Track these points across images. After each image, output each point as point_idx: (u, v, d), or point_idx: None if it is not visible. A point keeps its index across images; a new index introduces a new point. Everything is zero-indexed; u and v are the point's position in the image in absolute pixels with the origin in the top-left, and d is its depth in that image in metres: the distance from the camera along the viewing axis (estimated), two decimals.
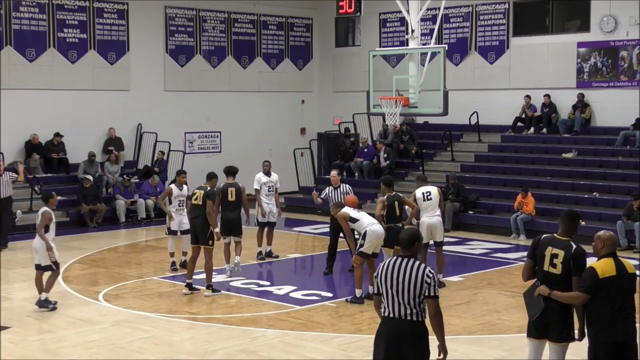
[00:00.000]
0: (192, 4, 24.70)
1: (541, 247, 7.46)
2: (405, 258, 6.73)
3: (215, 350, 10.19)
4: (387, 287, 6.67)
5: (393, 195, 13.02)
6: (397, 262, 6.72)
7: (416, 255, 6.80)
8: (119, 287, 13.78)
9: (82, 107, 22.44)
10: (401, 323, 6.60)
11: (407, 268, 6.65)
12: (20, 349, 10.40)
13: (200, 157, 24.29)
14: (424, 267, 6.68)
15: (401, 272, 6.64)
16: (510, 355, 10.11)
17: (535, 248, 7.50)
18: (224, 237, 14.19)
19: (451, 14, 24.15)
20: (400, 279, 6.62)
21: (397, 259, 6.75)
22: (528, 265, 7.59)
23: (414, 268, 6.64)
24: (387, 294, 6.67)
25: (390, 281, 6.66)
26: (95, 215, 20.75)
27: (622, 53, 21.27)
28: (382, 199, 12.99)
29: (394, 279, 6.64)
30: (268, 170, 16.06)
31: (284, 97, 27.07)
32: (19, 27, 21.31)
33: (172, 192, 14.82)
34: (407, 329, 6.59)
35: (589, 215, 18.55)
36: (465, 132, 23.68)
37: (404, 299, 6.59)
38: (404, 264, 6.68)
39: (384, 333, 6.70)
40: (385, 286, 6.68)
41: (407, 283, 6.60)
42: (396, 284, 6.63)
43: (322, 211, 22.64)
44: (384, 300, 6.71)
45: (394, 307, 6.63)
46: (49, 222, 11.75)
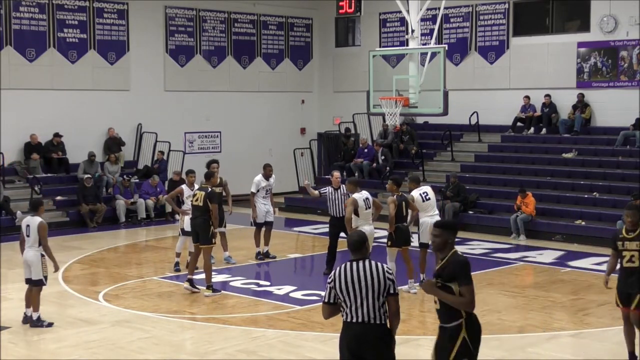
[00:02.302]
0: (192, 4, 24.70)
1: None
2: (360, 261, 6.59)
3: (215, 350, 10.19)
4: (349, 293, 6.49)
5: (401, 195, 13.06)
6: (353, 266, 6.56)
7: (368, 257, 6.69)
8: (119, 287, 13.78)
9: (82, 107, 22.44)
10: (366, 327, 6.49)
11: (367, 270, 6.53)
12: (20, 349, 10.41)
13: (200, 157, 24.25)
14: (382, 266, 6.60)
15: (361, 275, 6.50)
16: (510, 355, 10.11)
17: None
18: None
19: (451, 14, 24.15)
20: (362, 282, 6.49)
21: (352, 263, 6.59)
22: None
23: (374, 268, 6.54)
24: (349, 300, 6.50)
25: (352, 286, 6.49)
26: (95, 215, 20.74)
27: (622, 53, 21.27)
28: (393, 199, 12.97)
29: (356, 283, 6.49)
30: (269, 175, 16.03)
31: (284, 97, 27.06)
32: (19, 27, 21.31)
33: (182, 192, 14.78)
34: (371, 333, 6.50)
35: (589, 215, 18.58)
36: (465, 132, 23.68)
37: (369, 302, 6.47)
38: (362, 267, 6.55)
39: (348, 339, 6.56)
40: (347, 292, 6.50)
41: (372, 284, 6.48)
42: (359, 288, 6.48)
43: (322, 211, 22.65)
44: (345, 306, 6.55)
45: (358, 312, 6.49)
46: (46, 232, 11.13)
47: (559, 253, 16.85)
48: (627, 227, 9.25)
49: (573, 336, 11.00)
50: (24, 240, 11.23)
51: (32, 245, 11.12)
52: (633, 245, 9.12)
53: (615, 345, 10.45)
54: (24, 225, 11.22)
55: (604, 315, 11.92)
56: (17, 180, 20.97)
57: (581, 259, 16.15)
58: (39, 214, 11.22)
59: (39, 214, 11.22)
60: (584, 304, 12.62)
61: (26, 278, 11.34)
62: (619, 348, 10.35)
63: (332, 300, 6.63)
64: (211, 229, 12.99)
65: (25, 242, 11.19)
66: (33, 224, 11.10)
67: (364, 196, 12.92)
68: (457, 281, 6.53)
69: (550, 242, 17.88)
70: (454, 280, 6.53)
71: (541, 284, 14.07)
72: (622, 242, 9.20)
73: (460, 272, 6.55)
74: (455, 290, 6.53)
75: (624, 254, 9.16)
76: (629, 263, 9.11)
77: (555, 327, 11.39)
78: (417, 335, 10.89)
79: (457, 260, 6.63)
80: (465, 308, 6.53)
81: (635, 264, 9.07)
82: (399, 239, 12.92)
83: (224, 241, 15.56)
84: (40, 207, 11.33)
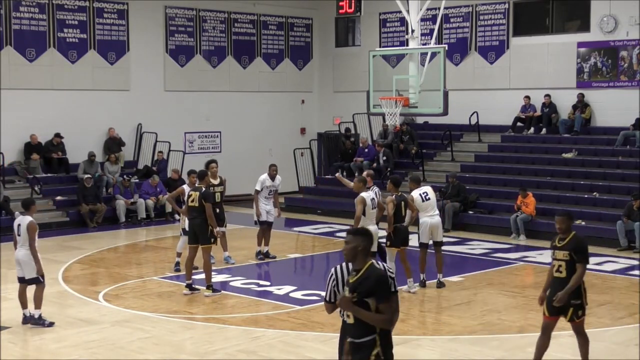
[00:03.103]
0: (192, 4, 24.70)
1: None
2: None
3: (215, 350, 10.19)
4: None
5: (400, 195, 13.07)
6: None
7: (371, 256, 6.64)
8: (119, 287, 13.78)
9: (82, 107, 22.44)
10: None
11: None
12: (20, 349, 10.41)
13: (200, 157, 24.22)
14: (382, 264, 6.53)
15: None
16: (510, 355, 10.11)
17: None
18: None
19: (451, 14, 24.15)
20: None
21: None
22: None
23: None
24: None
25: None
26: (95, 215, 20.74)
27: (622, 53, 21.27)
28: (392, 199, 13.00)
29: None
30: (274, 175, 16.02)
31: (284, 97, 27.06)
32: (19, 27, 21.31)
33: (184, 192, 14.76)
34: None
35: (589, 215, 18.58)
36: (465, 132, 23.68)
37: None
38: None
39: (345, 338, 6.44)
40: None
41: None
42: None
43: (322, 211, 22.68)
44: None
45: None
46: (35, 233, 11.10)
47: None
48: (559, 234, 8.78)
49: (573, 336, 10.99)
50: (16, 239, 11.26)
51: (24, 245, 11.11)
52: (561, 255, 8.67)
53: (615, 345, 10.46)
54: (16, 225, 11.26)
55: (604, 315, 11.94)
56: (17, 180, 20.98)
57: None
58: (30, 213, 11.22)
59: (30, 213, 11.22)
60: None
61: (19, 277, 11.34)
62: (619, 348, 10.37)
63: (332, 300, 6.52)
64: (209, 229, 12.98)
65: (18, 241, 11.20)
66: (24, 223, 11.09)
67: (371, 196, 12.96)
68: (375, 297, 6.00)
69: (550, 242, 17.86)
70: (371, 295, 6.00)
71: (541, 284, 13.94)
72: (553, 250, 8.81)
73: (378, 287, 6.03)
74: (372, 306, 6.02)
75: (554, 263, 8.77)
76: (557, 273, 8.69)
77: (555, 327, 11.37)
78: (417, 335, 10.89)
79: (376, 274, 6.09)
80: (384, 326, 6.05)
81: (563, 275, 8.63)
82: (397, 239, 12.95)
83: (224, 241, 15.57)
84: (32, 206, 11.30)
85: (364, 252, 6.13)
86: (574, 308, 8.74)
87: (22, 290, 11.41)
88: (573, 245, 8.63)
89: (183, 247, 14.86)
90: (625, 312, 12.13)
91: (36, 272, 11.17)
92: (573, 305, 8.73)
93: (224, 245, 15.61)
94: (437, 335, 11.05)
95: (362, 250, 6.12)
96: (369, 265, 6.11)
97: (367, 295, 6.01)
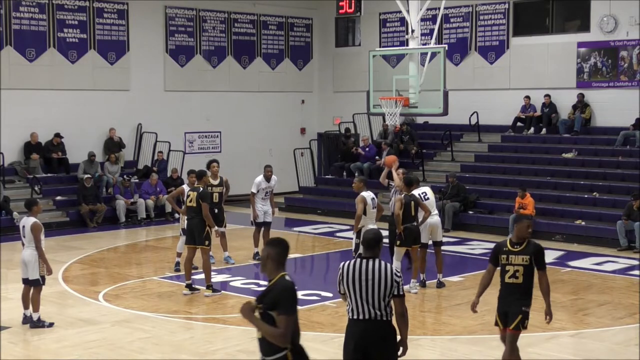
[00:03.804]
0: (192, 4, 24.70)
1: None
2: (370, 259, 6.66)
3: (215, 350, 10.19)
4: (355, 290, 6.59)
5: (410, 195, 13.06)
6: (362, 263, 6.64)
7: (379, 256, 6.75)
8: (119, 287, 13.78)
9: (82, 107, 22.44)
10: (371, 324, 6.57)
11: (375, 269, 6.60)
12: (20, 349, 10.41)
13: (200, 157, 24.24)
14: (390, 267, 6.67)
15: (369, 273, 6.59)
16: None
17: None
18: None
19: (451, 14, 24.15)
20: (370, 280, 6.57)
21: (362, 260, 6.66)
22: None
23: (382, 268, 6.62)
24: (355, 296, 6.59)
25: (358, 283, 6.58)
26: (95, 215, 20.74)
27: (622, 53, 21.27)
28: (400, 198, 13.00)
29: (363, 281, 6.58)
30: (270, 176, 16.02)
31: (284, 97, 27.06)
32: (19, 27, 21.31)
33: (184, 192, 14.76)
34: (377, 329, 6.57)
35: (589, 215, 18.58)
36: (465, 132, 23.68)
37: (374, 300, 6.56)
38: (371, 265, 6.62)
39: (353, 336, 6.62)
40: (353, 288, 6.59)
41: (378, 284, 6.57)
42: (365, 286, 6.57)
43: (322, 211, 22.68)
44: (351, 302, 6.64)
45: (363, 309, 6.58)
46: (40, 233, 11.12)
47: (559, 253, 16.84)
48: (513, 239, 8.37)
49: (573, 336, 11.01)
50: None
51: (29, 246, 11.12)
52: (519, 260, 8.26)
53: (615, 345, 10.46)
54: (21, 226, 11.26)
55: (604, 315, 11.93)
56: (17, 180, 20.97)
57: (581, 259, 16.16)
58: (33, 214, 11.20)
59: (33, 214, 11.20)
60: (584, 304, 12.63)
61: (23, 278, 11.32)
62: (619, 348, 10.37)
63: (342, 291, 6.75)
64: (206, 230, 12.97)
65: (23, 242, 11.20)
66: (28, 224, 11.09)
67: (371, 195, 12.97)
68: (277, 309, 5.68)
69: (550, 242, 17.88)
70: (275, 308, 5.68)
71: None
72: (506, 255, 8.31)
73: (281, 298, 5.68)
74: (276, 319, 5.68)
75: (507, 269, 8.31)
76: (512, 279, 8.31)
77: (555, 327, 11.38)
78: (417, 335, 10.88)
79: (282, 285, 5.76)
80: (277, 342, 5.69)
81: (519, 280, 8.29)
82: (408, 239, 12.94)
83: (224, 241, 15.58)
84: (34, 207, 11.28)
85: (274, 263, 5.86)
86: (522, 316, 8.40)
87: (26, 292, 11.39)
88: (533, 250, 8.29)
89: (183, 247, 14.85)
90: (625, 312, 12.12)
91: (45, 271, 11.15)
92: (523, 313, 8.40)
93: (224, 245, 15.62)
94: (437, 335, 11.05)
95: (272, 260, 5.86)
96: (279, 277, 5.80)
97: (270, 308, 5.70)
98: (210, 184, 14.63)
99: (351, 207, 16.44)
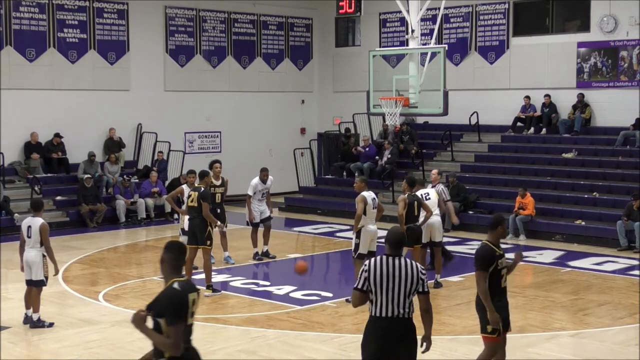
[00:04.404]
0: (192, 4, 24.70)
1: None
2: (396, 257, 6.73)
3: (215, 350, 10.18)
4: (382, 287, 6.62)
5: (413, 195, 13.06)
6: (389, 260, 6.70)
7: (402, 255, 6.84)
8: (119, 287, 13.77)
9: (82, 107, 22.43)
10: (395, 322, 6.63)
11: (402, 266, 6.68)
12: (20, 349, 10.41)
13: (200, 157, 24.26)
14: (416, 264, 6.77)
15: (396, 270, 6.65)
16: (510, 355, 10.06)
17: None
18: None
19: (451, 14, 24.15)
20: (396, 278, 6.63)
21: (388, 258, 6.72)
22: None
23: (408, 265, 6.70)
24: (381, 293, 6.63)
25: (385, 281, 6.62)
26: (95, 215, 20.74)
27: (622, 53, 21.27)
28: (404, 197, 13.01)
29: (390, 278, 6.63)
30: (266, 179, 16.01)
31: (284, 97, 27.06)
32: (19, 27, 21.31)
33: (183, 192, 14.78)
34: (401, 327, 6.64)
35: (589, 215, 18.58)
36: (465, 132, 23.67)
37: (399, 297, 6.62)
38: (398, 263, 6.69)
39: (376, 333, 6.66)
40: (380, 286, 6.63)
41: (405, 281, 6.63)
42: (392, 283, 6.62)
43: (322, 211, 22.69)
44: (376, 299, 6.65)
45: (388, 306, 6.62)
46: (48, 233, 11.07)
47: (559, 253, 16.85)
48: (495, 241, 8.17)
49: (573, 336, 11.01)
50: (24, 241, 11.16)
51: (34, 246, 11.07)
52: (505, 262, 8.13)
53: (616, 345, 10.46)
54: (25, 226, 11.15)
55: (604, 315, 11.93)
56: (17, 180, 20.97)
57: (581, 259, 16.16)
58: (39, 214, 11.15)
59: (39, 214, 11.15)
60: (584, 304, 12.62)
61: (27, 279, 11.26)
62: (619, 348, 10.36)
63: (364, 288, 6.70)
64: (208, 230, 12.97)
65: (27, 243, 11.12)
66: (35, 224, 11.02)
67: (371, 195, 12.97)
68: (164, 318, 5.52)
69: (550, 242, 17.88)
70: (162, 316, 5.53)
71: (541, 284, 14.07)
72: (500, 259, 8.07)
73: (166, 307, 5.53)
74: (164, 328, 5.55)
75: (502, 273, 8.12)
76: (505, 282, 8.19)
77: (555, 327, 11.40)
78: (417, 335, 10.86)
79: (168, 293, 5.59)
80: (169, 351, 5.56)
81: (506, 283, 8.23)
82: (410, 238, 12.92)
83: (224, 241, 15.58)
84: (42, 207, 11.28)
85: (169, 267, 5.72)
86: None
87: (28, 292, 11.36)
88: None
89: None
90: (625, 312, 12.12)
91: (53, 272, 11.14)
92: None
93: (224, 245, 15.62)
94: (437, 335, 11.02)
95: (166, 265, 5.72)
96: (169, 284, 5.65)
97: (158, 315, 5.55)
98: (212, 184, 14.65)
99: (351, 207, 16.43)
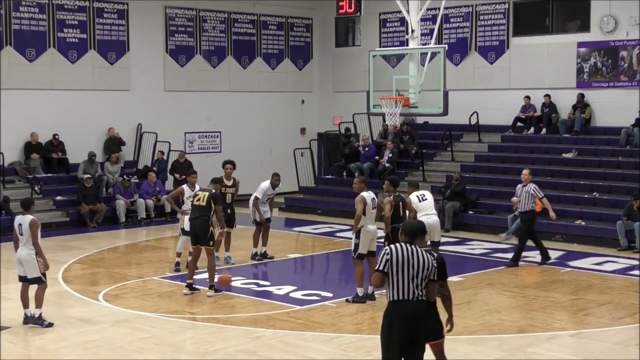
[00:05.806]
0: (192, 4, 24.70)
1: None
2: (414, 245, 7.17)
3: (215, 350, 10.19)
4: (401, 271, 7.04)
5: (398, 196, 13.07)
6: (408, 248, 7.12)
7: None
8: (119, 287, 13.77)
9: (82, 107, 22.43)
10: (416, 304, 7.05)
11: (420, 253, 7.12)
12: (20, 349, 10.41)
13: (200, 157, 24.28)
14: (430, 254, 7.26)
15: (414, 256, 7.08)
16: (510, 355, 10.10)
17: None
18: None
19: (451, 14, 24.15)
20: (416, 262, 7.06)
21: (407, 245, 7.14)
22: None
23: (423, 253, 7.15)
24: (399, 277, 7.04)
25: (405, 265, 7.04)
26: (95, 215, 20.74)
27: (622, 53, 21.27)
28: (390, 200, 12.98)
29: (409, 263, 7.05)
30: (276, 185, 15.96)
31: (284, 97, 27.06)
32: (19, 27, 21.31)
33: (183, 192, 14.76)
34: (423, 308, 7.11)
35: (589, 215, 18.58)
36: (465, 132, 23.67)
37: (418, 281, 7.05)
38: (415, 250, 7.13)
39: (399, 316, 7.03)
40: (401, 267, 7.03)
41: (423, 266, 7.07)
42: (411, 268, 7.04)
43: (322, 211, 22.69)
44: (394, 283, 7.05)
45: (406, 289, 7.04)
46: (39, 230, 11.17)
47: (559, 253, 16.84)
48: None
49: (573, 336, 11.01)
50: (17, 239, 11.25)
51: (26, 244, 11.13)
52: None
53: (616, 345, 10.46)
54: (17, 224, 11.25)
55: (604, 315, 11.93)
56: (17, 180, 20.97)
57: (581, 259, 16.16)
58: (30, 212, 11.26)
59: (30, 212, 11.26)
60: (584, 304, 12.63)
61: (21, 276, 11.34)
62: (619, 348, 10.37)
63: (385, 269, 7.08)
64: (210, 230, 12.97)
65: (20, 240, 11.20)
66: (25, 222, 11.12)
67: (371, 195, 12.98)
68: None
69: (550, 242, 17.87)
70: None
71: (541, 284, 14.07)
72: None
73: None
74: None
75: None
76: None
77: (555, 327, 11.40)
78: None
79: None
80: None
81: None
82: (395, 239, 12.92)
83: (228, 241, 15.50)
84: (31, 206, 11.36)
85: None
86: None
87: (24, 290, 11.41)
88: None
89: (183, 247, 14.85)
90: (625, 312, 12.12)
91: (43, 267, 11.17)
92: None
93: (227, 245, 15.56)
94: None
95: None
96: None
97: None
98: (224, 184, 14.69)
99: (351, 207, 16.41)
